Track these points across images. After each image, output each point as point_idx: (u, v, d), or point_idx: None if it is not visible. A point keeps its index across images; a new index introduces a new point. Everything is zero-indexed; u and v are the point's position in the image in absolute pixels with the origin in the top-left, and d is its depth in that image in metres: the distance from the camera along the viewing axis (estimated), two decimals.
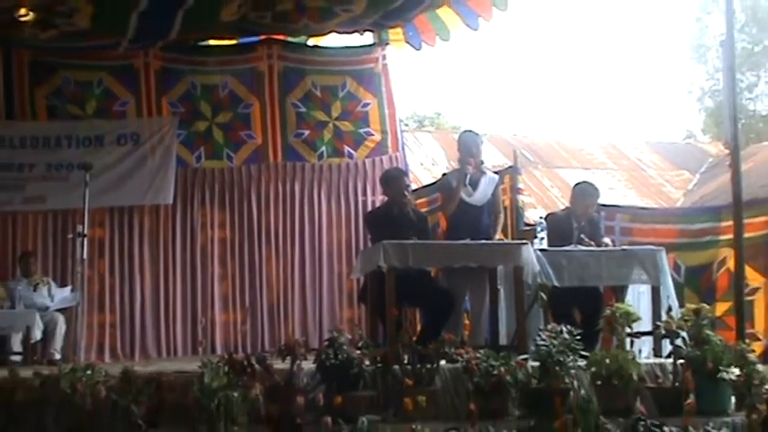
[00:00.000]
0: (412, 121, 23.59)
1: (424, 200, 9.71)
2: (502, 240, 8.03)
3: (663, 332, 6.54)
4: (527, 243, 7.20)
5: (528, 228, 9.06)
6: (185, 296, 10.08)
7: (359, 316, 9.53)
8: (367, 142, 10.71)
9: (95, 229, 9.55)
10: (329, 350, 5.86)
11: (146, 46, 10.07)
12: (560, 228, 7.86)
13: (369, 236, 8.31)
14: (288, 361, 5.72)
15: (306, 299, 10.26)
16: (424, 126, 23.80)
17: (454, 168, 8.44)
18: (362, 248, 9.59)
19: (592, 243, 7.56)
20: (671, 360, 6.37)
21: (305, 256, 10.35)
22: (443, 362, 6.10)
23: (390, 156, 10.70)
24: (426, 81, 42.79)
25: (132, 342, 9.84)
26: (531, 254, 6.99)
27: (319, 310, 10.26)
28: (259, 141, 10.49)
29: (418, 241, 7.14)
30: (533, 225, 9.13)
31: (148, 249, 10.08)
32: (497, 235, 7.99)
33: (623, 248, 7.91)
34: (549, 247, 7.65)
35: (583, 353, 6.08)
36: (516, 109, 38.92)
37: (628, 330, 6.60)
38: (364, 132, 10.72)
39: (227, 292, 10.18)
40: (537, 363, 5.99)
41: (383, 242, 6.77)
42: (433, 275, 7.79)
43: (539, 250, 7.28)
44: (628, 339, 6.65)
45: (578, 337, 6.05)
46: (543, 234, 8.50)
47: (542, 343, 6.02)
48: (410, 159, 11.46)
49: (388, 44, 10.89)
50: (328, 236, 10.45)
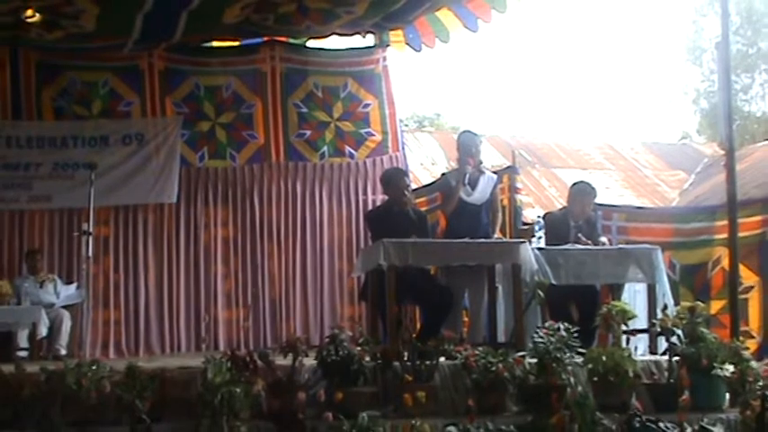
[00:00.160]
0: (412, 122, 23.58)
1: (424, 199, 9.71)
2: (500, 239, 8.04)
3: (658, 329, 6.56)
4: (525, 242, 7.22)
5: (526, 227, 9.07)
6: (189, 293, 10.07)
7: (359, 313, 9.54)
8: (368, 142, 10.71)
9: (101, 228, 9.55)
10: (330, 347, 5.87)
11: (150, 47, 10.08)
12: (558, 227, 7.86)
13: (369, 234, 8.30)
14: (289, 357, 5.71)
15: (307, 296, 10.26)
16: (424, 126, 23.78)
17: (453, 168, 8.44)
18: (363, 247, 9.60)
19: (589, 242, 7.57)
20: (666, 357, 6.38)
21: (306, 254, 10.35)
22: (443, 358, 6.11)
23: (391, 156, 10.70)
24: (426, 82, 42.86)
25: (137, 338, 9.84)
26: (529, 252, 6.99)
27: (320, 308, 10.26)
28: (261, 141, 10.49)
29: (418, 240, 7.13)
30: (531, 224, 9.15)
31: (153, 247, 10.08)
32: (496, 234, 8.00)
33: (620, 247, 7.92)
34: (547, 246, 7.66)
35: (580, 350, 6.09)
36: (515, 110, 38.92)
37: (624, 328, 6.61)
38: (365, 133, 10.72)
39: (229, 290, 10.18)
40: (534, 359, 6.00)
41: (383, 241, 6.78)
42: (433, 273, 7.79)
43: (536, 249, 7.28)
44: (624, 336, 6.66)
45: (575, 335, 6.05)
46: (541, 233, 8.52)
47: (540, 340, 6.03)
48: (410, 159, 11.45)
49: (389, 46, 10.90)
50: (330, 234, 10.44)
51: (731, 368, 6.18)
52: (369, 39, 10.93)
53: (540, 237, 8.49)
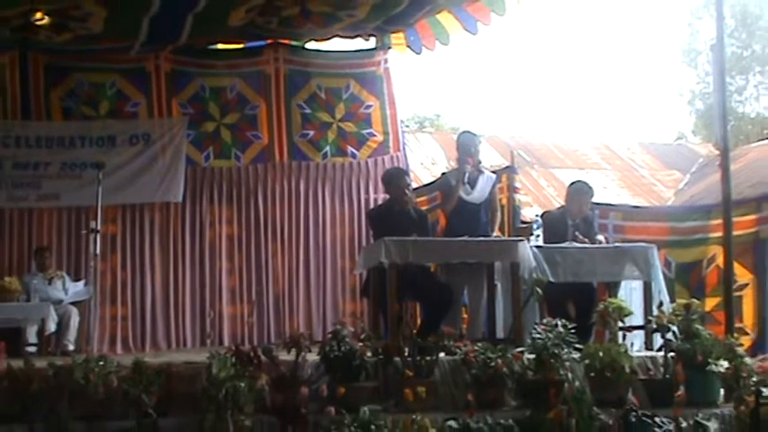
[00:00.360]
0: (413, 123, 23.56)
1: (425, 198, 9.71)
2: (499, 237, 8.03)
3: (654, 326, 6.55)
4: (523, 240, 7.21)
5: (524, 225, 9.06)
6: (194, 290, 10.08)
7: (361, 309, 9.52)
8: (369, 142, 10.71)
9: (108, 226, 9.54)
10: (333, 342, 5.87)
11: (157, 49, 10.08)
12: (556, 225, 7.86)
13: (371, 232, 8.30)
14: (293, 353, 5.71)
15: (310, 293, 10.27)
16: (425, 127, 23.77)
17: (453, 168, 8.44)
18: (365, 245, 9.60)
19: (586, 240, 7.56)
20: (662, 353, 6.38)
21: (309, 252, 10.35)
22: (442, 354, 6.11)
23: (392, 156, 10.70)
24: (426, 84, 42.83)
25: (143, 334, 9.85)
26: (528, 250, 6.98)
27: (323, 304, 10.26)
28: (265, 141, 10.49)
29: (418, 238, 7.13)
30: (530, 223, 9.14)
31: (159, 245, 10.08)
32: (495, 232, 7.99)
33: (616, 245, 7.90)
34: (545, 244, 7.65)
35: (577, 346, 6.09)
36: (513, 111, 38.90)
37: (620, 324, 6.60)
38: (367, 133, 10.72)
39: (234, 287, 10.18)
40: (533, 355, 5.99)
41: (385, 239, 6.77)
42: (433, 271, 7.79)
43: (535, 247, 7.27)
44: (620, 333, 6.66)
45: (573, 331, 6.05)
46: (539, 231, 8.51)
47: (538, 336, 6.03)
48: (411, 159, 11.44)
49: (390, 48, 10.89)
50: (332, 232, 10.45)
51: (726, 364, 6.17)
52: (370, 41, 10.92)
53: (539, 235, 8.48)
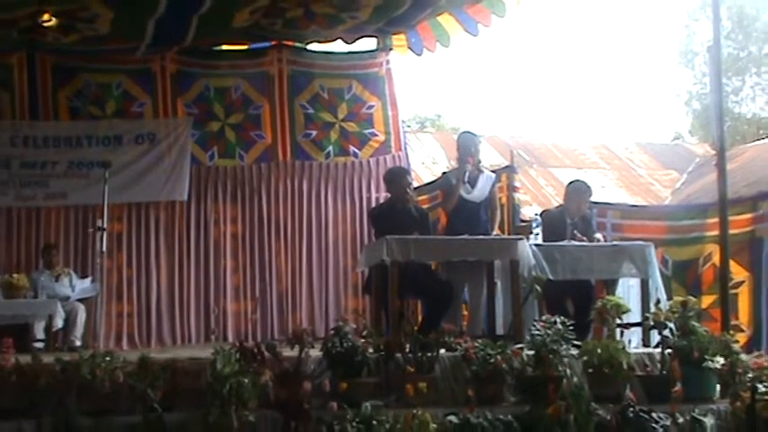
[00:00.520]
0: (414, 123, 23.56)
1: (426, 197, 9.70)
2: (499, 236, 8.03)
3: (651, 323, 6.55)
4: (523, 238, 7.21)
5: (524, 224, 9.05)
6: (199, 287, 10.09)
7: (363, 306, 9.49)
8: (371, 142, 10.71)
9: (114, 224, 9.57)
10: (335, 339, 5.86)
11: (162, 50, 10.09)
12: (554, 224, 7.86)
13: (373, 231, 8.29)
14: (296, 349, 5.71)
15: (313, 290, 10.28)
16: (426, 127, 23.77)
17: (454, 167, 8.43)
18: (367, 243, 9.59)
19: (584, 238, 7.56)
20: (659, 349, 6.37)
21: (312, 250, 10.36)
22: (443, 350, 6.09)
23: (393, 155, 10.70)
24: (428, 84, 42.80)
25: (149, 330, 9.87)
26: (527, 248, 6.98)
27: (326, 301, 10.27)
28: (269, 141, 10.49)
29: (420, 236, 7.14)
30: (529, 221, 9.13)
31: (164, 243, 10.09)
32: (494, 230, 7.99)
33: (614, 244, 7.90)
34: (544, 243, 7.64)
35: (575, 342, 6.08)
36: (513, 111, 38.88)
37: (618, 321, 6.61)
38: (369, 133, 10.72)
39: (238, 284, 10.19)
40: (532, 352, 5.98)
41: (386, 237, 6.77)
42: (434, 269, 7.78)
43: (534, 245, 7.27)
44: (618, 330, 6.66)
45: (571, 328, 6.04)
46: (538, 230, 8.50)
47: (537, 333, 6.02)
48: (412, 159, 11.44)
49: (392, 50, 10.88)
50: (334, 231, 10.45)
51: (722, 360, 6.17)
52: (372, 42, 10.92)
53: (538, 234, 8.47)
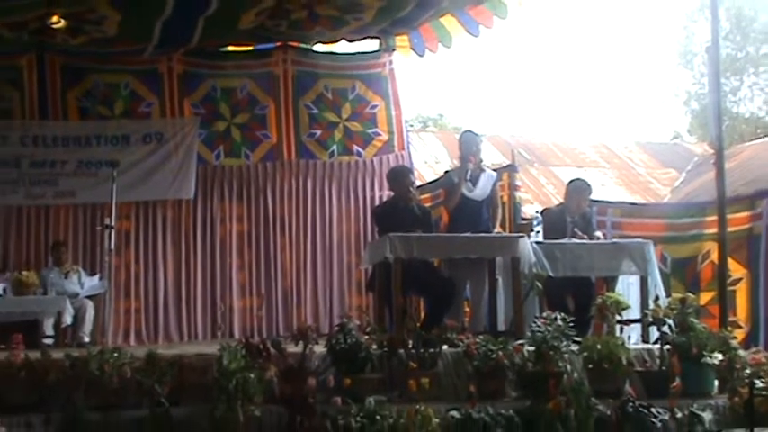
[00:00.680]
0: (416, 122, 23.53)
1: (428, 195, 9.69)
2: (500, 233, 8.02)
3: (650, 319, 6.55)
4: (524, 236, 7.21)
5: (525, 222, 9.04)
6: (205, 284, 10.09)
7: (367, 303, 9.48)
8: (375, 142, 10.71)
9: (122, 222, 9.57)
10: (339, 335, 5.87)
11: (169, 51, 10.08)
12: (555, 222, 7.85)
13: (376, 229, 8.29)
14: (301, 345, 5.71)
15: (317, 287, 10.28)
16: (428, 127, 23.73)
17: (456, 166, 8.43)
18: (370, 240, 9.58)
19: (584, 236, 7.55)
20: (658, 345, 6.37)
21: (317, 248, 10.36)
22: (445, 346, 6.10)
23: (396, 154, 10.69)
24: (430, 84, 42.78)
25: (156, 326, 9.87)
26: (528, 246, 6.98)
27: (330, 298, 10.27)
28: (274, 140, 10.49)
29: (422, 234, 7.14)
30: (530, 219, 9.12)
31: (171, 241, 10.10)
32: (496, 228, 7.98)
33: (614, 241, 7.89)
34: (545, 240, 7.64)
35: (576, 338, 6.09)
36: (514, 111, 38.81)
37: (618, 318, 6.60)
38: (372, 132, 10.72)
39: (244, 281, 10.20)
40: (533, 347, 5.98)
41: (390, 235, 6.77)
42: (436, 266, 7.78)
43: (535, 243, 7.27)
44: (618, 326, 6.66)
45: (571, 324, 6.05)
46: (539, 228, 8.49)
47: (538, 329, 6.02)
48: (415, 158, 11.42)
49: (395, 50, 10.88)
50: (338, 229, 10.45)
51: (720, 356, 6.17)
52: (375, 43, 10.91)
53: (539, 231, 8.46)
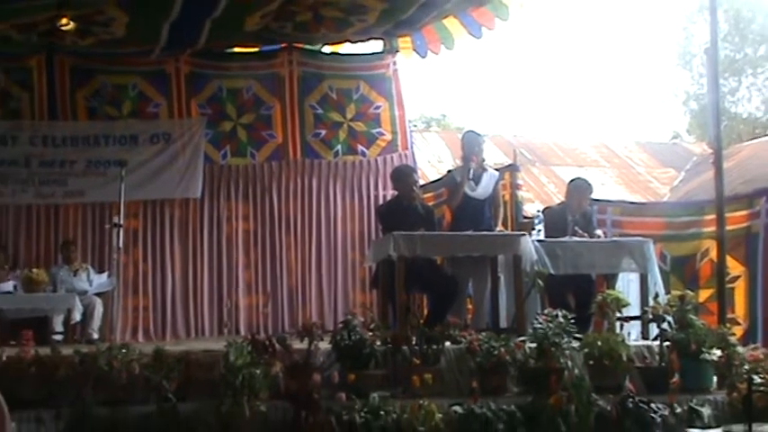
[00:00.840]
0: (420, 122, 23.51)
1: (431, 194, 9.68)
2: (502, 232, 8.01)
3: (650, 316, 6.54)
4: (525, 234, 7.21)
5: (526, 220, 9.03)
6: (212, 281, 10.10)
7: (371, 300, 9.50)
8: (379, 141, 10.70)
9: (130, 221, 9.57)
10: (344, 332, 5.87)
11: (176, 53, 10.09)
12: (556, 220, 7.84)
13: (380, 227, 8.30)
14: (306, 341, 5.71)
15: (322, 284, 10.28)
16: (431, 127, 23.72)
17: (458, 165, 8.42)
18: (374, 239, 9.58)
19: (585, 234, 7.54)
20: (658, 342, 6.37)
21: (321, 246, 10.36)
22: (448, 343, 6.11)
23: (400, 154, 10.69)
24: (433, 85, 42.75)
25: (164, 323, 9.88)
26: (530, 244, 6.98)
27: (334, 295, 10.27)
28: (280, 140, 10.49)
29: (425, 232, 7.13)
30: (531, 218, 9.10)
31: (179, 239, 10.10)
32: (498, 227, 7.97)
33: (614, 239, 7.89)
34: (546, 238, 7.63)
35: (576, 335, 6.09)
36: (516, 111, 38.79)
37: (618, 314, 6.59)
38: (376, 132, 10.72)
39: (250, 279, 10.20)
40: (534, 344, 5.98)
41: (393, 233, 6.77)
42: (439, 264, 7.78)
43: (536, 241, 7.27)
44: (618, 323, 6.65)
45: (572, 321, 6.04)
46: (540, 226, 8.48)
47: (539, 326, 6.02)
48: (418, 157, 11.41)
49: (398, 52, 10.88)
50: (343, 227, 10.45)
51: (718, 353, 6.17)
52: (379, 45, 10.91)
53: (540, 230, 8.45)
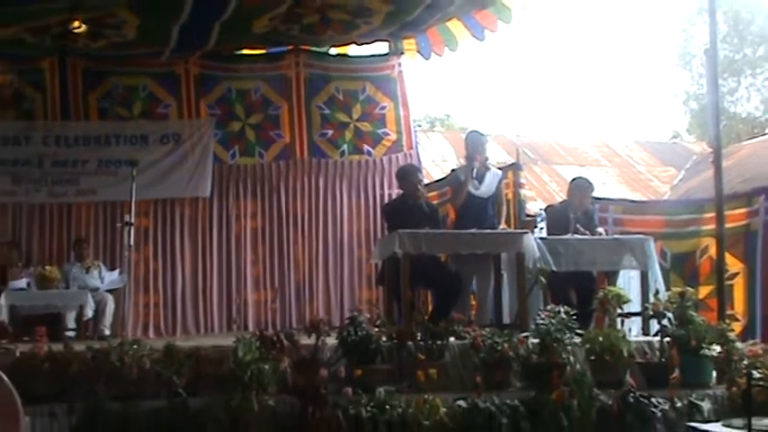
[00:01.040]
0: (424, 122, 23.49)
1: (435, 193, 9.67)
2: (505, 229, 8.01)
3: (651, 313, 6.53)
4: (528, 232, 7.19)
5: (529, 218, 9.01)
6: (221, 278, 10.11)
7: (377, 297, 9.48)
8: (384, 141, 10.70)
9: (141, 219, 9.58)
10: (350, 327, 5.87)
11: (186, 55, 10.10)
12: (558, 218, 7.83)
13: (385, 225, 8.29)
14: (313, 337, 5.72)
15: (329, 281, 10.28)
16: (435, 126, 23.71)
17: (462, 165, 8.41)
18: (380, 237, 9.59)
19: (587, 232, 7.53)
20: (658, 338, 6.35)
21: (328, 243, 10.36)
22: (452, 339, 6.10)
23: (405, 153, 10.68)
24: (437, 86, 42.72)
25: (174, 319, 9.89)
26: (532, 242, 6.96)
27: (341, 292, 10.27)
28: (287, 140, 10.49)
29: (430, 230, 7.12)
30: (534, 216, 9.09)
31: (188, 237, 10.12)
32: (501, 224, 7.97)
33: (615, 237, 7.87)
34: (548, 236, 7.61)
35: (578, 331, 6.07)
36: (519, 111, 38.74)
37: (619, 311, 6.58)
38: (382, 132, 10.71)
39: (258, 275, 10.20)
40: (537, 340, 5.98)
41: (399, 231, 6.77)
42: (444, 261, 7.78)
43: (539, 238, 7.25)
44: (619, 319, 6.64)
45: (574, 317, 6.03)
46: (543, 224, 8.48)
47: (542, 322, 6.01)
48: (423, 157, 11.40)
49: (403, 53, 10.87)
50: (349, 225, 10.45)
51: (718, 348, 6.15)
52: (385, 46, 10.90)
53: (542, 227, 8.45)
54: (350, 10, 9.03)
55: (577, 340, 6.03)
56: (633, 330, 7.22)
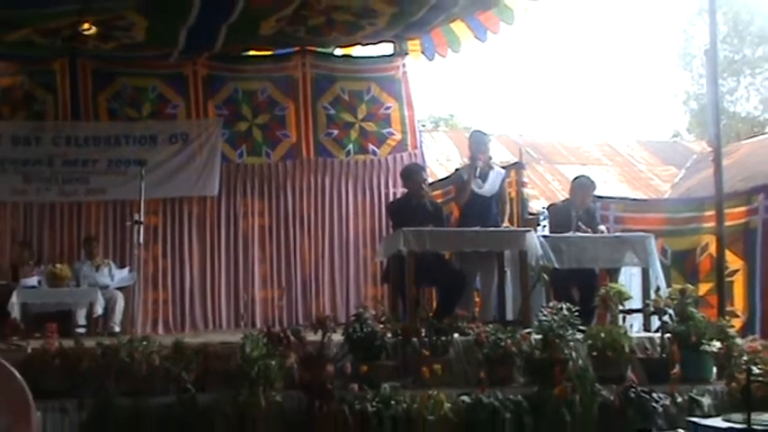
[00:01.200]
0: (429, 122, 23.47)
1: (440, 192, 9.67)
2: (508, 227, 8.00)
3: (652, 309, 6.53)
4: (531, 230, 7.20)
5: (532, 216, 9.01)
6: (229, 276, 10.11)
7: (382, 294, 9.45)
8: (389, 141, 10.70)
9: (150, 218, 9.59)
10: (356, 324, 5.87)
11: (194, 56, 10.10)
12: (561, 216, 7.82)
13: (390, 223, 8.29)
14: (319, 333, 5.72)
15: (335, 279, 10.28)
16: (440, 126, 23.69)
17: (466, 164, 8.40)
18: (385, 235, 9.59)
19: (588, 230, 7.52)
20: (659, 334, 6.35)
21: (334, 242, 10.36)
22: (456, 335, 6.10)
23: (410, 153, 10.68)
24: (441, 86, 42.69)
25: (182, 316, 9.90)
26: (535, 239, 6.96)
27: (347, 289, 10.27)
28: (294, 140, 10.49)
29: (434, 228, 7.12)
30: (536, 214, 9.08)
31: (197, 235, 10.12)
32: (504, 223, 7.96)
33: (617, 235, 7.85)
34: (551, 234, 7.61)
35: (580, 327, 6.07)
36: (522, 111, 38.70)
37: (620, 307, 6.57)
38: (387, 132, 10.71)
39: (265, 273, 10.20)
40: (540, 336, 5.97)
41: (403, 229, 6.77)
42: (448, 258, 7.77)
43: (541, 236, 7.25)
44: (620, 315, 6.63)
45: (576, 314, 6.03)
46: (545, 222, 8.46)
47: (544, 318, 6.01)
48: (427, 156, 11.39)
49: (408, 54, 10.87)
50: (355, 223, 10.45)
51: (718, 344, 6.14)
52: (389, 47, 10.90)
53: (545, 225, 8.43)
54: (355, 11, 9.02)
55: (579, 336, 6.03)
56: (634, 326, 7.20)
